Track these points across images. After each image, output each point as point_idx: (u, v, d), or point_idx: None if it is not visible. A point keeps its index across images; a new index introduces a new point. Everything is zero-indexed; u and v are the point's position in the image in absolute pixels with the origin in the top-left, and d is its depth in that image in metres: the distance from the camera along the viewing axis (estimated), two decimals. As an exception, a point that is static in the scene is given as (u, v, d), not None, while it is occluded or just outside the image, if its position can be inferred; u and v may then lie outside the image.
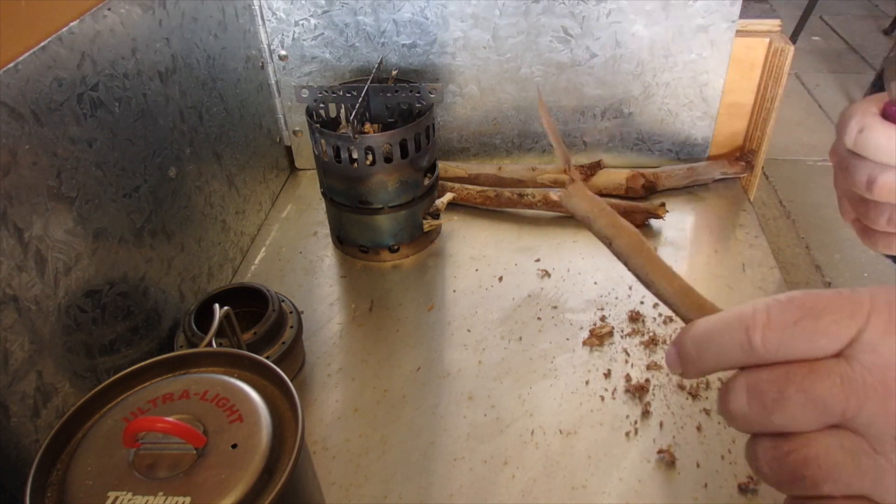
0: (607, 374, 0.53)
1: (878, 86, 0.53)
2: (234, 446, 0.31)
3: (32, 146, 0.38)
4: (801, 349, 0.28)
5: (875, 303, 0.28)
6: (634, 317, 0.57)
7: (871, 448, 0.26)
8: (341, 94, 0.64)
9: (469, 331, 0.58)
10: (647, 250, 0.38)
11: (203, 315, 0.50)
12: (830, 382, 0.27)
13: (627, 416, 0.49)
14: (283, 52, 0.73)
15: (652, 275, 0.38)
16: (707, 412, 0.49)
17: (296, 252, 0.69)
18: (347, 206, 0.63)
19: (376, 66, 0.66)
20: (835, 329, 0.28)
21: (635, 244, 0.38)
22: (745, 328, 0.29)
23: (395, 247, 0.66)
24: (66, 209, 0.41)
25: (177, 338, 0.52)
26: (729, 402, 0.30)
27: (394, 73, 0.69)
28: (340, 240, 0.68)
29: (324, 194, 0.66)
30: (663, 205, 0.67)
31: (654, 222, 0.68)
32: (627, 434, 0.48)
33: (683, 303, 0.37)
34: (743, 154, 0.74)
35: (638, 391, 0.51)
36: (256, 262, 0.68)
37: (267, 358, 0.39)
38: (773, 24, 0.71)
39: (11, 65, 0.37)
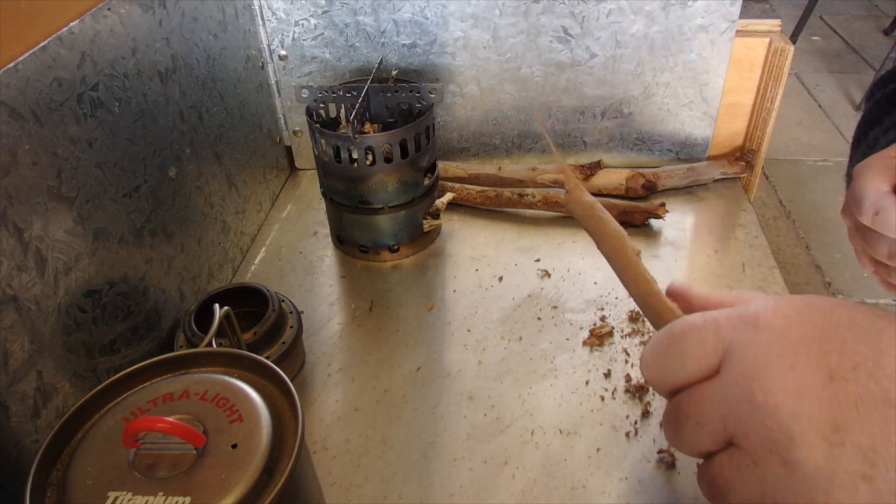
0: (607, 374, 0.53)
1: (875, 91, 0.52)
2: (234, 446, 0.31)
3: (32, 146, 0.38)
4: (679, 374, 0.29)
5: (733, 321, 0.29)
6: (634, 317, 0.57)
7: (752, 461, 0.27)
8: (341, 94, 0.64)
9: (469, 331, 0.58)
10: (624, 255, 0.40)
11: (203, 315, 0.50)
12: (707, 402, 0.28)
13: (627, 416, 0.49)
14: (283, 52, 0.73)
15: (624, 277, 0.40)
16: (707, 412, 0.49)
17: (296, 252, 0.69)
18: (347, 206, 0.63)
19: (376, 66, 0.66)
20: (698, 349, 0.29)
21: (616, 249, 0.40)
22: (641, 363, 0.32)
23: (395, 247, 0.66)
24: (66, 209, 0.41)
25: (177, 338, 0.52)
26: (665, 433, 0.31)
27: (394, 73, 0.69)
28: (340, 240, 0.68)
29: (324, 194, 0.66)
30: (663, 205, 0.67)
31: (654, 222, 0.68)
32: (627, 434, 0.48)
33: (644, 307, 0.38)
34: (743, 154, 0.74)
35: (638, 391, 0.51)
36: (256, 262, 0.68)
37: (267, 358, 0.39)
38: (773, 24, 0.71)
39: (11, 65, 0.37)
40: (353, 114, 0.60)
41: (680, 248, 0.66)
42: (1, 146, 0.36)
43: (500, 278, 0.63)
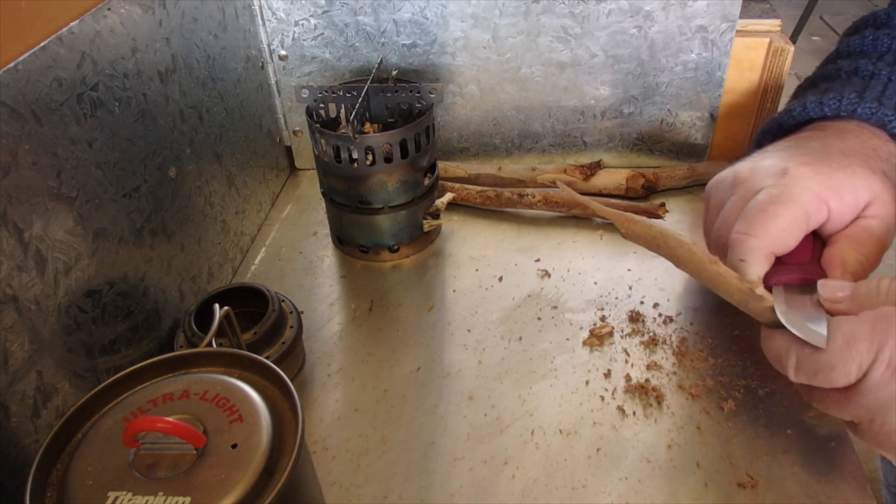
0: (607, 374, 0.53)
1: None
2: (234, 446, 0.31)
3: (32, 146, 0.38)
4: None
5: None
6: (634, 317, 0.57)
7: None
8: (341, 94, 0.64)
9: (469, 331, 0.58)
10: (699, 268, 0.45)
11: (203, 315, 0.50)
12: None
13: (627, 416, 0.49)
14: (283, 52, 0.73)
15: (714, 290, 0.45)
16: (707, 412, 0.49)
17: (296, 252, 0.69)
18: (347, 206, 0.63)
19: (376, 66, 0.66)
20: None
21: (686, 263, 0.46)
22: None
23: (395, 247, 0.66)
24: (66, 209, 0.41)
25: (177, 338, 0.52)
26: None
27: (394, 73, 0.69)
28: (340, 240, 0.68)
29: (324, 194, 0.66)
30: (663, 205, 0.67)
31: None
32: (627, 434, 0.48)
33: (748, 312, 0.43)
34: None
35: (638, 391, 0.51)
36: (256, 262, 0.68)
37: (267, 358, 0.39)
38: (773, 24, 0.71)
39: (11, 65, 0.37)
40: (353, 114, 0.60)
41: (680, 248, 0.66)
42: (1, 146, 0.36)
43: (500, 278, 0.63)
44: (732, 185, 0.47)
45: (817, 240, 0.45)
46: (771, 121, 0.54)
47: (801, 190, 0.42)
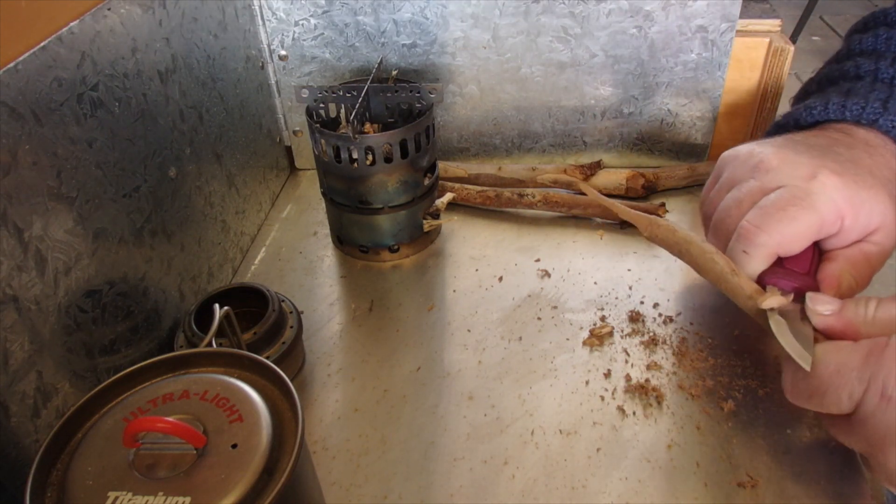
0: (607, 374, 0.53)
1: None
2: (234, 446, 0.31)
3: (32, 146, 0.38)
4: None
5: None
6: (634, 317, 0.57)
7: None
8: (341, 94, 0.64)
9: (469, 331, 0.58)
10: (718, 276, 0.45)
11: (203, 315, 0.50)
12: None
13: (627, 416, 0.49)
14: (283, 52, 0.73)
15: (733, 300, 0.45)
16: (707, 412, 0.49)
17: (296, 252, 0.69)
18: (347, 206, 0.63)
19: (376, 66, 0.66)
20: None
21: (707, 271, 0.46)
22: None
23: (395, 247, 0.66)
24: (66, 209, 0.41)
25: (177, 338, 0.52)
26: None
27: (394, 73, 0.69)
28: (340, 240, 0.68)
29: (324, 194, 0.66)
30: (663, 205, 0.67)
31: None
32: (627, 434, 0.48)
33: (759, 320, 0.43)
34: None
35: (638, 391, 0.51)
36: (256, 262, 0.68)
37: (267, 358, 0.39)
38: (773, 24, 0.71)
39: (11, 65, 0.37)
40: (353, 114, 0.60)
41: (680, 248, 0.66)
42: (1, 146, 0.36)
43: (500, 278, 0.63)
44: (755, 168, 0.46)
45: (815, 249, 0.45)
46: (788, 115, 0.54)
47: (825, 200, 0.42)
